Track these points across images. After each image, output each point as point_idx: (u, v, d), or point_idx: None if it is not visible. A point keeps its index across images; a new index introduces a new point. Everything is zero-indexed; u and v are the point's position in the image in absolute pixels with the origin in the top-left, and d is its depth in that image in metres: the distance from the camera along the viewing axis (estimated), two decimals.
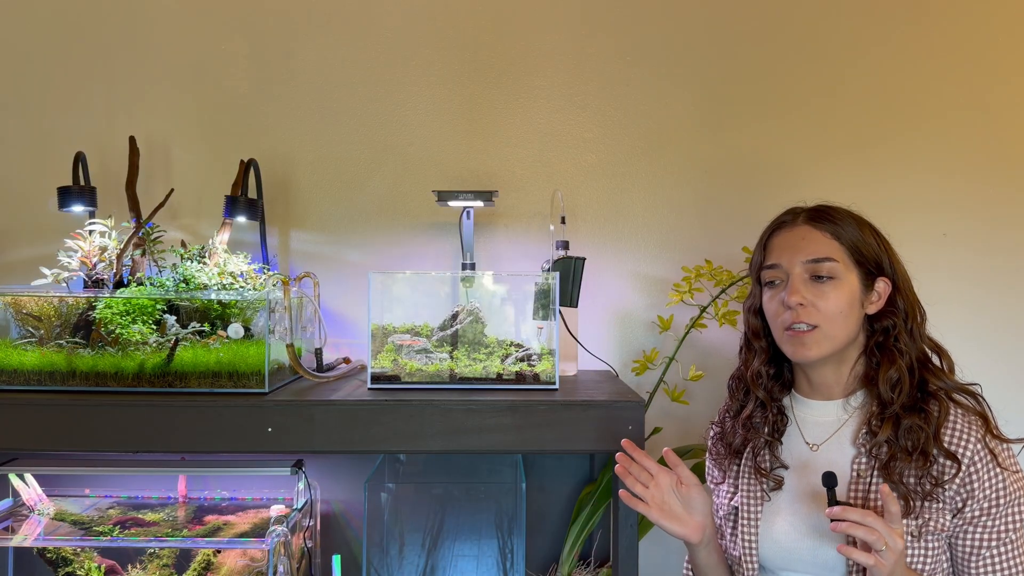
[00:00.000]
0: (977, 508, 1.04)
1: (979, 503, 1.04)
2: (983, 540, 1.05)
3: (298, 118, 1.77)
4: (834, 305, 1.09)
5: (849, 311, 1.10)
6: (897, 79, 1.76)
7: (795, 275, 1.11)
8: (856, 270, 1.11)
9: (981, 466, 1.04)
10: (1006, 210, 1.77)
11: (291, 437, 1.26)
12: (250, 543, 1.47)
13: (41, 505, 1.59)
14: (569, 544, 1.58)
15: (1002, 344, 1.77)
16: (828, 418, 1.15)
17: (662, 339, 1.70)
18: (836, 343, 1.10)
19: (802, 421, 1.17)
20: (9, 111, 1.76)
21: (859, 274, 1.11)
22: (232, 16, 1.76)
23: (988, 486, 1.04)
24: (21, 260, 1.75)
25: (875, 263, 1.12)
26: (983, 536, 1.05)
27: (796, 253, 1.11)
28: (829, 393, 1.16)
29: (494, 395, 1.30)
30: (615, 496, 1.28)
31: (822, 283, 1.09)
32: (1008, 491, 1.04)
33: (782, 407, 1.19)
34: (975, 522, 1.05)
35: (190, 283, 1.42)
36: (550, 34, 1.77)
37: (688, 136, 1.77)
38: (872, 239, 1.12)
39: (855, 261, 1.11)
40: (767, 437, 1.16)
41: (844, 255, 1.10)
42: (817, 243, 1.11)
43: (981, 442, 1.06)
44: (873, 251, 1.12)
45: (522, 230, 1.77)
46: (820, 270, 1.09)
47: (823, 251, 1.10)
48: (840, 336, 1.10)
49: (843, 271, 1.10)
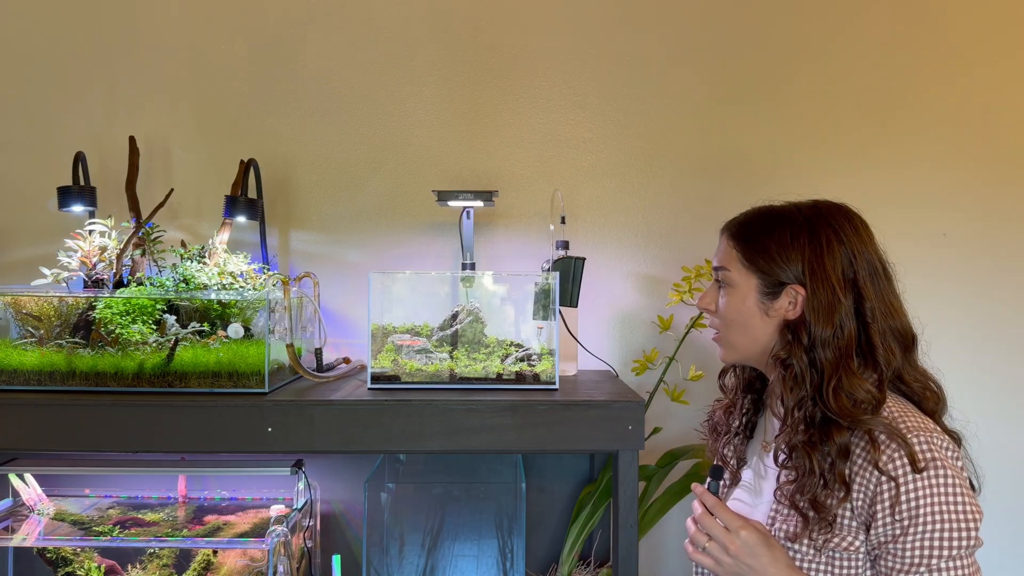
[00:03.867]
0: (882, 534, 0.96)
1: (883, 528, 0.96)
2: (893, 569, 0.96)
3: (298, 118, 1.77)
4: (728, 312, 1.10)
5: (747, 320, 1.08)
6: (897, 79, 1.76)
7: (712, 282, 1.16)
8: (756, 278, 1.07)
9: (886, 491, 0.95)
10: (1006, 209, 1.77)
11: (291, 437, 1.26)
12: (250, 543, 1.47)
13: (41, 505, 1.59)
14: (569, 544, 1.58)
15: (1002, 344, 1.77)
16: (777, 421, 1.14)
17: (662, 339, 1.70)
18: (740, 349, 1.11)
19: (769, 419, 1.18)
20: (10, 111, 1.76)
21: (759, 282, 1.07)
22: (232, 16, 1.76)
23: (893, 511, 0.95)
24: (21, 260, 1.75)
25: (779, 270, 1.05)
26: (893, 565, 0.96)
27: (714, 259, 1.16)
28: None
29: (494, 395, 1.30)
30: (615, 496, 1.28)
31: (723, 290, 1.12)
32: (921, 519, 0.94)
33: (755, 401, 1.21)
34: (883, 548, 0.97)
35: (190, 283, 1.42)
36: (550, 34, 1.77)
37: (688, 136, 1.77)
38: (785, 243, 1.05)
39: (755, 269, 1.07)
40: (736, 429, 1.20)
41: (739, 263, 1.09)
42: (721, 251, 1.14)
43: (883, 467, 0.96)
44: (777, 257, 1.05)
45: (522, 230, 1.77)
46: (719, 277, 1.13)
47: (720, 259, 1.13)
48: (742, 343, 1.11)
49: (738, 279, 1.09)
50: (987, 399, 1.76)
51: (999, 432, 1.75)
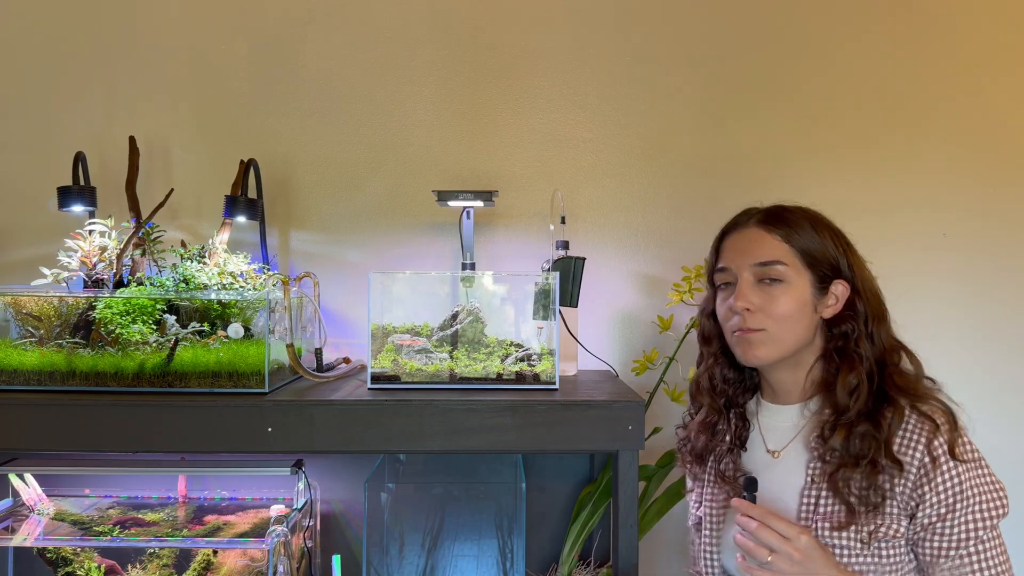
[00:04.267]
0: (932, 514, 1.00)
1: (932, 508, 1.00)
2: (942, 548, 1.00)
3: (298, 118, 1.77)
4: (783, 309, 1.06)
5: (800, 315, 1.07)
6: (897, 79, 1.76)
7: (743, 279, 1.09)
8: (808, 273, 1.08)
9: (933, 471, 1.00)
10: (1006, 210, 1.77)
11: (291, 437, 1.25)
12: (250, 543, 1.47)
13: (41, 505, 1.59)
14: (569, 544, 1.58)
15: (1002, 343, 1.77)
16: (787, 423, 1.13)
17: (662, 339, 1.70)
18: (785, 347, 1.08)
19: (764, 427, 1.15)
20: (10, 111, 1.76)
21: (811, 277, 1.08)
22: (232, 16, 1.76)
23: (941, 490, 0.99)
24: (21, 260, 1.75)
25: (830, 266, 1.08)
26: (941, 544, 1.00)
27: (746, 256, 1.09)
28: (787, 398, 1.14)
29: (494, 395, 1.30)
30: (615, 496, 1.28)
31: (771, 286, 1.07)
32: (965, 495, 0.99)
33: (744, 413, 1.17)
34: (931, 528, 1.00)
35: (190, 283, 1.42)
36: (550, 34, 1.77)
37: (688, 136, 1.77)
38: (829, 240, 1.09)
39: (807, 264, 1.07)
40: (729, 444, 1.14)
41: (794, 258, 1.07)
42: (766, 246, 1.08)
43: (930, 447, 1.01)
44: (828, 253, 1.08)
45: (522, 230, 1.77)
46: (768, 273, 1.07)
47: (772, 254, 1.08)
48: (789, 340, 1.08)
49: (792, 274, 1.07)
50: (987, 399, 1.76)
51: (999, 432, 1.75)
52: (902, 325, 1.13)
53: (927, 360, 1.11)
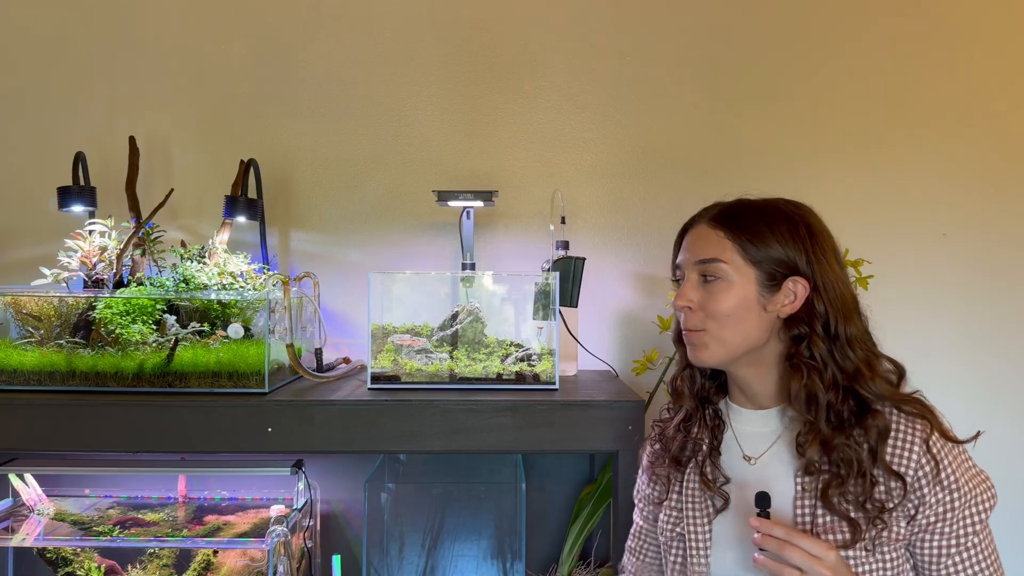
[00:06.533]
0: (931, 515, 0.98)
1: (932, 508, 0.98)
2: (942, 547, 0.99)
3: (298, 118, 1.77)
4: (721, 307, 1.02)
5: (743, 314, 1.02)
6: (898, 79, 1.76)
7: (689, 277, 1.07)
8: (752, 270, 1.03)
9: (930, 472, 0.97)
10: (1006, 210, 1.77)
11: (291, 437, 1.26)
12: (250, 543, 1.47)
13: (41, 505, 1.59)
14: (569, 544, 1.58)
15: (1002, 344, 1.77)
16: (764, 429, 1.08)
17: (662, 339, 1.70)
18: (730, 347, 1.03)
19: (739, 432, 1.11)
20: (9, 111, 1.76)
21: (757, 274, 1.02)
22: (232, 16, 1.76)
23: (939, 490, 0.97)
24: (21, 260, 1.75)
25: (780, 262, 1.02)
26: (941, 543, 0.99)
27: (692, 253, 1.07)
28: (760, 402, 1.09)
29: (494, 395, 1.30)
30: (615, 496, 1.28)
31: (712, 284, 1.04)
32: (961, 491, 0.98)
33: (718, 411, 1.13)
34: (931, 529, 0.98)
35: (190, 283, 1.42)
36: (550, 34, 1.77)
37: (688, 135, 1.77)
38: (785, 235, 1.03)
39: (750, 261, 1.03)
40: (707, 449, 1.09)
41: (736, 255, 1.03)
42: (710, 243, 1.05)
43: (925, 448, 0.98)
44: (778, 249, 1.03)
45: (522, 230, 1.77)
46: (709, 271, 1.04)
47: (712, 251, 1.04)
48: (734, 341, 1.03)
49: (732, 272, 1.02)
50: (987, 399, 1.76)
51: (999, 432, 1.75)
52: (902, 325, 1.11)
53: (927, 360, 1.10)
